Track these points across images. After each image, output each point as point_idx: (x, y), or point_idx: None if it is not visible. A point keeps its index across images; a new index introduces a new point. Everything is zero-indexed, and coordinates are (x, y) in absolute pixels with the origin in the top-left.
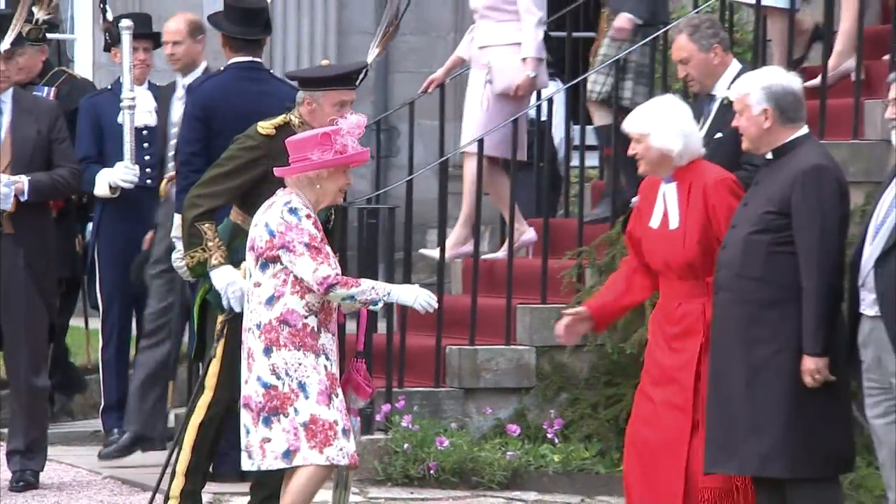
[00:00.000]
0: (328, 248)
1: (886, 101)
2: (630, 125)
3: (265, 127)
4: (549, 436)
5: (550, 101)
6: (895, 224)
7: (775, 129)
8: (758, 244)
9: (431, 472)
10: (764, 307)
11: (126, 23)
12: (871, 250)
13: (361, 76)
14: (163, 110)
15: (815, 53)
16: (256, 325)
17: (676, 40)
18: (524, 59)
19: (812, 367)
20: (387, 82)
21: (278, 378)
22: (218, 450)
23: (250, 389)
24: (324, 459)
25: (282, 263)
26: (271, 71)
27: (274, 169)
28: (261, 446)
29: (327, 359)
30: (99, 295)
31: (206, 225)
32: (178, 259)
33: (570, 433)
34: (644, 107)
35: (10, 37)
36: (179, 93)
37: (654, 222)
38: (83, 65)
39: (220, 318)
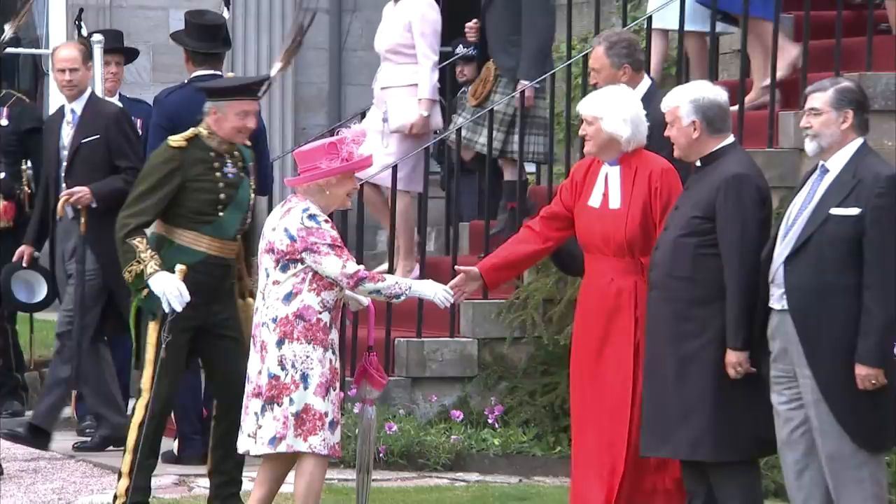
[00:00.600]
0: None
1: (802, 111)
2: (585, 108)
3: (176, 140)
4: (489, 421)
5: (491, 111)
6: (804, 225)
7: (703, 138)
8: (686, 246)
9: (381, 455)
10: (692, 305)
11: (97, 37)
12: (781, 249)
13: (264, 88)
14: (53, 135)
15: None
16: (272, 320)
17: (595, 49)
18: (420, 100)
19: (734, 360)
20: (340, 94)
21: (283, 369)
22: (160, 446)
23: (262, 380)
24: (306, 447)
25: (303, 264)
26: None
27: (285, 179)
28: (255, 431)
29: (333, 353)
30: None
31: (137, 239)
32: None
33: (509, 419)
34: (599, 92)
35: None
36: (69, 117)
37: (595, 202)
38: None
39: (153, 325)
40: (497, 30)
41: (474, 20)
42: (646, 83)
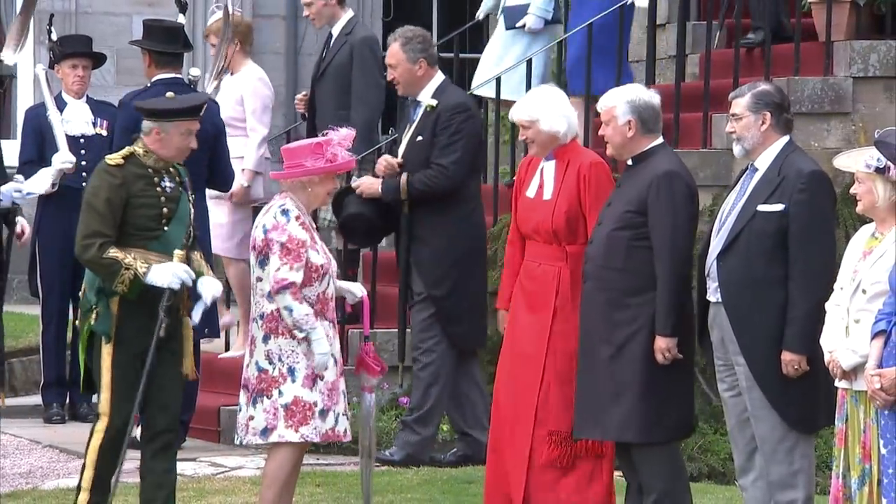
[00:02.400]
0: (314, 255)
1: (729, 115)
2: (519, 114)
3: (113, 159)
4: None
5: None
6: (734, 222)
7: (637, 138)
8: (619, 240)
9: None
10: (625, 294)
11: (40, 66)
12: (715, 245)
13: (204, 107)
14: None
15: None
16: (260, 316)
17: (391, 46)
18: (243, 170)
19: (663, 347)
20: (295, 98)
21: (271, 363)
22: (120, 466)
23: (249, 373)
24: (298, 437)
25: None
26: (195, 88)
27: (270, 172)
28: (246, 423)
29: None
30: (39, 283)
31: (111, 252)
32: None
33: None
34: (529, 96)
35: None
36: None
37: (531, 192)
38: (24, 79)
39: (107, 348)
40: (325, 103)
41: (304, 92)
42: (439, 77)
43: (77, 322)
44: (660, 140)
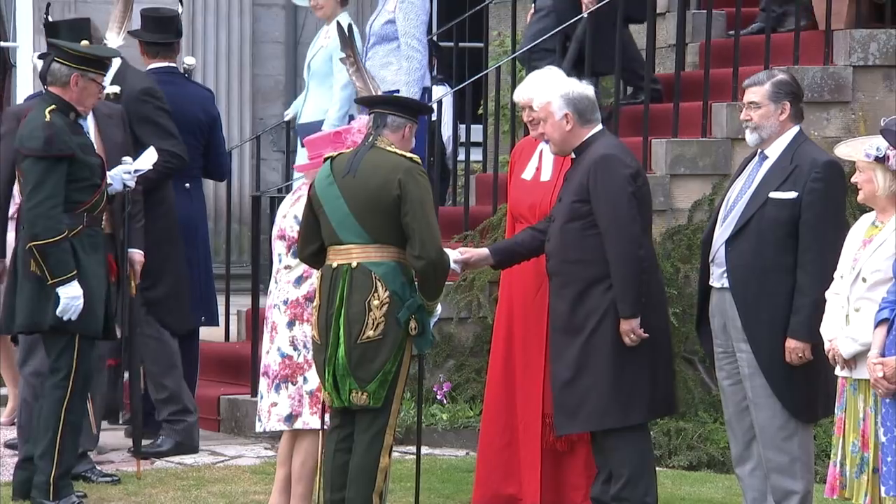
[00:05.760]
0: None
1: (741, 104)
2: (532, 93)
3: (418, 160)
4: (438, 397)
5: (440, 102)
6: (744, 208)
7: (576, 130)
8: (572, 231)
9: None
10: (587, 284)
11: (37, 55)
12: (722, 232)
13: None
14: None
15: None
16: (283, 302)
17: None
18: None
19: (627, 328)
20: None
21: (295, 349)
22: None
23: (270, 359)
24: (323, 424)
25: None
26: (190, 77)
27: (295, 165)
28: (269, 410)
29: None
30: None
31: None
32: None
33: (456, 395)
34: (541, 79)
35: None
36: None
37: (527, 175)
38: (24, 69)
39: (409, 359)
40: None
41: None
42: (116, 61)
43: (373, 330)
44: (598, 128)
